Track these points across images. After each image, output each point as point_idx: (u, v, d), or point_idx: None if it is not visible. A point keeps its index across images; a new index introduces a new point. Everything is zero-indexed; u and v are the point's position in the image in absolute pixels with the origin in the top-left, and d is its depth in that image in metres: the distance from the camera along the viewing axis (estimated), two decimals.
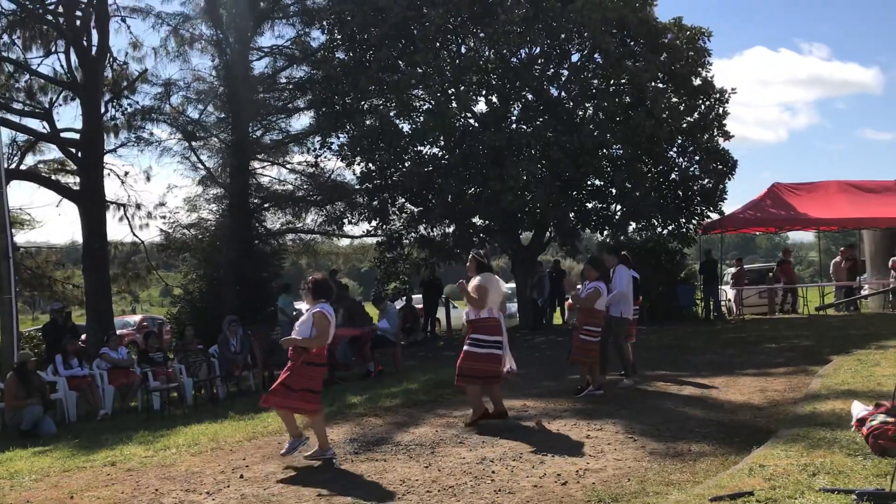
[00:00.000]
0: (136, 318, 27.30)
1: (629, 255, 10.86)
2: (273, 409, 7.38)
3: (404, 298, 20.13)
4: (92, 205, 17.78)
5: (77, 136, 18.15)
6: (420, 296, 21.32)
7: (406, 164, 19.12)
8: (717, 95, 19.50)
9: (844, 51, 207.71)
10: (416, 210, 20.22)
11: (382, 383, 11.82)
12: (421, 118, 19.24)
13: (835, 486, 4.89)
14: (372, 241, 22.77)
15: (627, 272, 10.17)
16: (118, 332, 17.38)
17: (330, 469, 6.67)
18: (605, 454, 6.60)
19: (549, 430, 7.64)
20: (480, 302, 7.89)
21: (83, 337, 17.17)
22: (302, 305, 23.40)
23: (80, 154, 18.00)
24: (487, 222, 18.84)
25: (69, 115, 43.33)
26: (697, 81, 19.37)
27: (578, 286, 10.23)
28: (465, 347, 7.98)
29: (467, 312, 8.13)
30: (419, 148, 19.53)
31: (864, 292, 20.47)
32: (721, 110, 19.57)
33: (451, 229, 19.52)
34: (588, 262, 10.36)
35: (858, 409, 6.40)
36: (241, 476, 6.61)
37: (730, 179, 19.82)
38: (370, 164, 19.69)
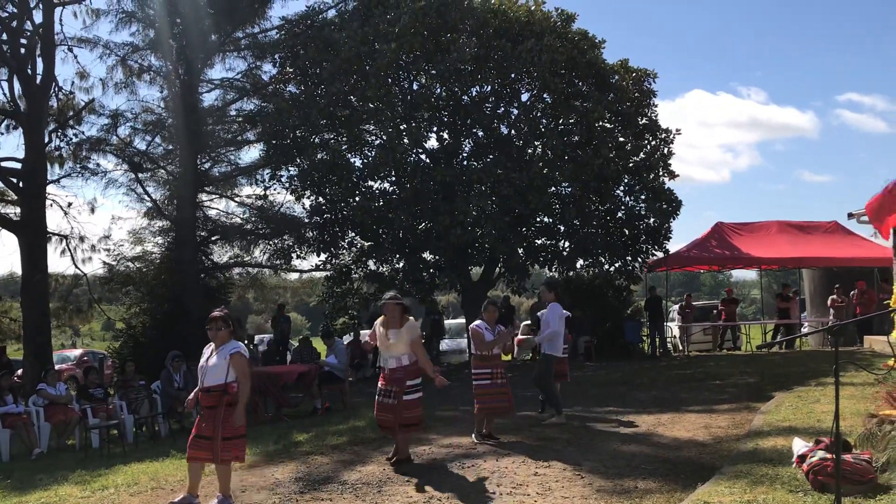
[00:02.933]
0: (77, 352, 26.57)
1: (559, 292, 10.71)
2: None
3: (352, 334, 19.97)
4: (32, 236, 17.35)
5: (19, 165, 17.75)
6: (368, 331, 21.15)
7: (357, 199, 19.10)
8: (663, 135, 19.99)
9: (781, 95, 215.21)
10: (366, 244, 20.16)
11: (329, 420, 11.67)
12: (372, 153, 19.29)
13: None
14: (321, 275, 22.62)
15: (560, 310, 10.15)
16: (57, 366, 16.89)
17: None
18: (553, 491, 6.59)
19: (496, 467, 7.61)
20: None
21: (19, 372, 16.64)
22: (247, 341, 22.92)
23: (21, 184, 17.59)
24: (437, 257, 18.88)
25: (11, 144, 42.59)
26: (643, 121, 19.84)
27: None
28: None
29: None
30: (370, 182, 19.53)
31: (804, 330, 21.02)
32: (666, 150, 20.06)
33: (400, 264, 19.49)
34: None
35: (799, 445, 6.53)
36: None
37: (675, 218, 20.20)
38: (320, 198, 19.63)
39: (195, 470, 6.67)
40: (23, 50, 17.61)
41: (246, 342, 21.12)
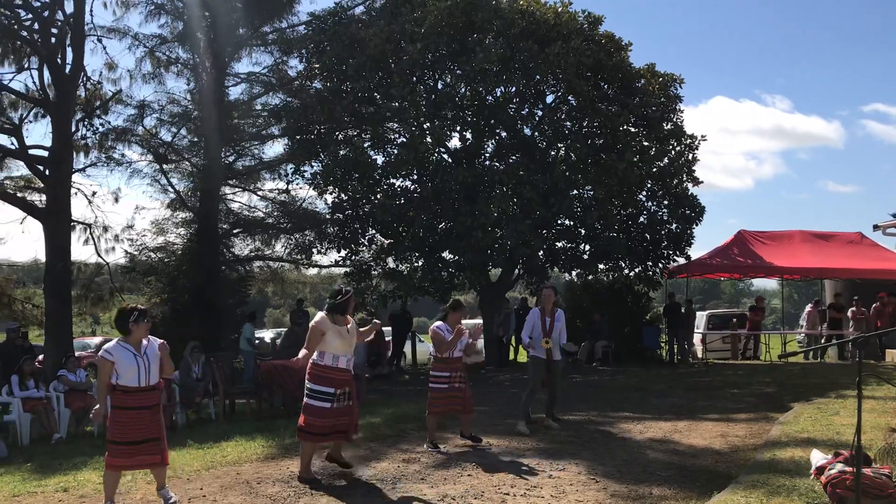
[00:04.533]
0: (96, 340, 26.80)
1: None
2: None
3: None
4: (57, 223, 17.51)
5: (46, 153, 17.93)
6: (388, 329, 21.23)
7: (378, 196, 19.16)
8: (688, 141, 19.88)
9: (806, 104, 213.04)
10: (386, 242, 20.21)
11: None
12: (395, 151, 19.34)
13: None
14: (340, 271, 22.68)
15: (531, 314, 10.01)
16: (77, 353, 17.04)
17: (289, 501, 6.56)
18: (567, 495, 6.58)
19: (510, 469, 7.60)
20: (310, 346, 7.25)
21: (40, 358, 16.82)
22: (265, 334, 22.98)
23: (47, 172, 17.76)
24: (457, 257, 18.89)
25: (39, 132, 43.08)
26: (669, 126, 19.74)
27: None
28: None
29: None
30: (392, 180, 19.58)
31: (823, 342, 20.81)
32: (691, 156, 19.95)
33: (420, 263, 19.52)
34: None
35: (818, 457, 6.47)
36: None
37: (697, 224, 20.17)
38: (342, 194, 19.70)
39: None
40: (53, 39, 17.75)
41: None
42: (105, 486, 6.36)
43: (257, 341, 15.78)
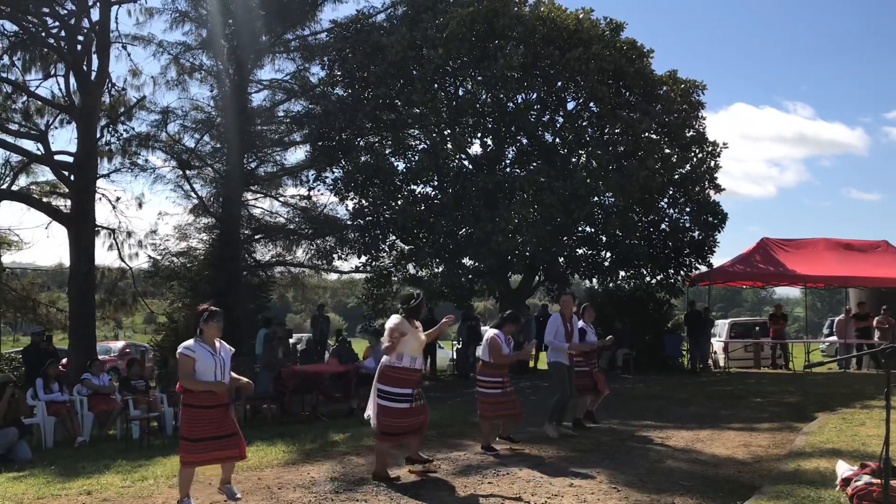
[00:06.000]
0: (119, 344, 27.02)
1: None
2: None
3: None
4: (82, 228, 17.71)
5: (71, 158, 18.15)
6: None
7: (399, 202, 19.20)
8: (710, 148, 19.75)
9: (829, 111, 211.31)
10: (406, 248, 20.24)
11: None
12: (416, 157, 19.37)
13: None
14: (360, 276, 22.73)
15: (552, 320, 10.11)
16: (100, 357, 17.18)
17: None
18: None
19: (532, 477, 7.57)
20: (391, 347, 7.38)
21: (64, 361, 16.98)
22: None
23: (72, 177, 17.97)
24: (477, 263, 18.89)
25: (64, 138, 43.63)
26: (691, 133, 19.63)
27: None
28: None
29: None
30: (412, 186, 19.62)
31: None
32: (713, 163, 19.83)
33: (440, 269, 19.53)
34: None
35: (843, 468, 6.39)
36: None
37: (719, 232, 20.04)
38: (363, 201, 19.77)
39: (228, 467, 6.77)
40: (79, 47, 18.00)
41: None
42: (180, 483, 6.53)
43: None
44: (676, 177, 19.38)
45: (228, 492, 6.70)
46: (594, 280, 20.18)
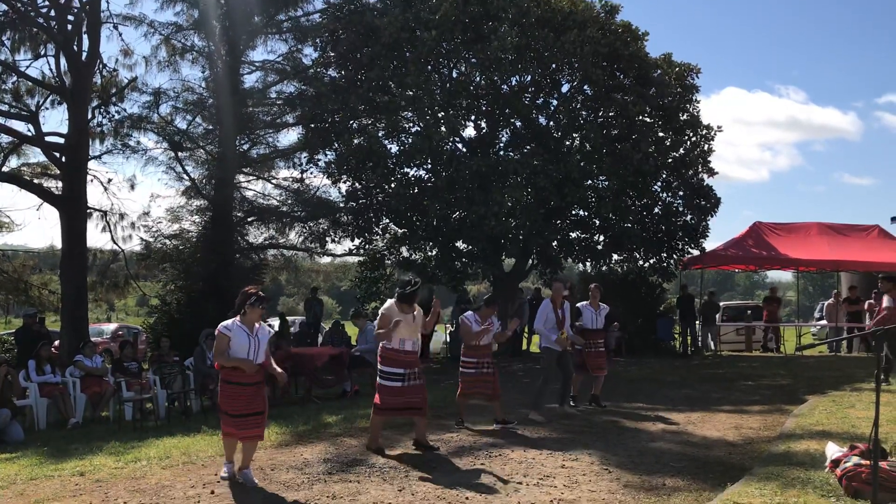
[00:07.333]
0: (112, 326, 27.02)
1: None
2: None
3: None
4: (73, 211, 17.62)
5: (62, 140, 18.03)
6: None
7: (392, 185, 19.14)
8: (704, 132, 19.73)
9: (821, 95, 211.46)
10: (399, 231, 20.21)
11: (359, 403, 11.74)
12: (409, 140, 19.29)
13: None
14: (353, 260, 22.69)
15: (543, 307, 10.32)
16: (92, 339, 17.17)
17: (303, 488, 6.59)
18: (580, 485, 6.57)
19: (523, 458, 7.61)
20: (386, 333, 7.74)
21: (56, 343, 16.96)
22: (278, 322, 23.09)
23: (63, 159, 17.86)
24: (470, 247, 18.88)
25: (55, 119, 43.36)
26: (685, 117, 19.60)
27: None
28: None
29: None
30: (406, 169, 19.56)
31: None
32: (706, 147, 19.81)
33: (433, 252, 19.52)
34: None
35: (833, 450, 6.44)
36: (212, 492, 6.52)
37: (713, 216, 20.05)
38: (356, 183, 19.70)
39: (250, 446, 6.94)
40: (69, 26, 17.83)
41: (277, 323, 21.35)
42: (225, 449, 7.08)
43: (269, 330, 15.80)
44: (670, 160, 19.36)
45: (247, 478, 6.76)
46: (587, 263, 20.19)
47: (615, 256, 20.04)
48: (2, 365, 10.89)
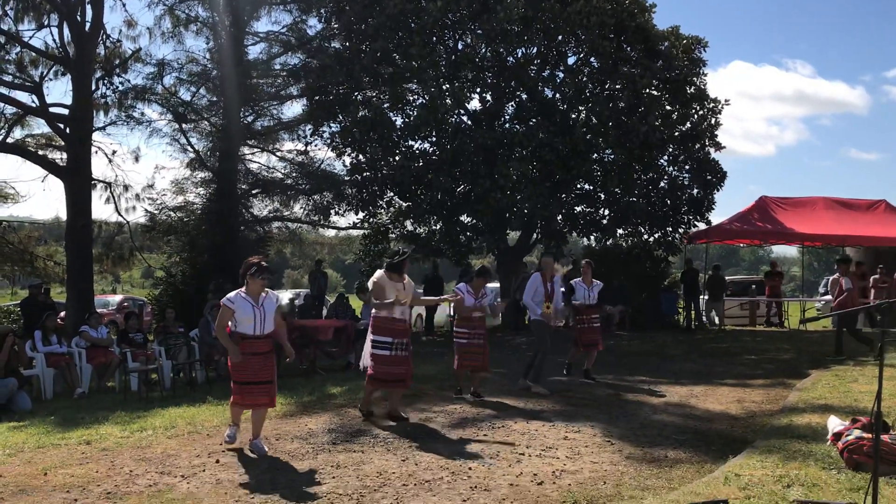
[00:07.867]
0: (117, 298, 27.10)
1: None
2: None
3: None
4: (78, 181, 17.64)
5: (66, 111, 18.00)
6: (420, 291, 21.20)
7: (397, 158, 19.07)
8: (711, 105, 19.60)
9: (829, 69, 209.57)
10: (404, 204, 20.17)
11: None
12: (414, 112, 19.18)
13: (808, 499, 4.94)
14: (358, 233, 22.69)
15: (532, 279, 10.37)
16: (98, 311, 17.25)
17: (308, 457, 6.64)
18: (582, 456, 6.61)
19: (526, 430, 7.65)
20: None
21: (62, 314, 17.04)
22: (284, 295, 23.11)
23: (68, 130, 17.84)
24: (475, 220, 18.85)
25: (59, 90, 43.37)
26: (692, 90, 19.45)
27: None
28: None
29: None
30: (410, 142, 19.47)
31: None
32: (714, 120, 19.68)
33: (438, 226, 19.48)
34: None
35: (835, 423, 6.46)
36: (217, 461, 6.57)
37: (718, 190, 19.98)
38: (360, 156, 19.63)
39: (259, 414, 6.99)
40: None
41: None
42: (231, 414, 7.16)
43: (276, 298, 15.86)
44: (677, 134, 19.25)
45: (256, 448, 6.81)
46: (592, 237, 20.15)
47: (620, 231, 19.99)
48: (8, 335, 10.93)
